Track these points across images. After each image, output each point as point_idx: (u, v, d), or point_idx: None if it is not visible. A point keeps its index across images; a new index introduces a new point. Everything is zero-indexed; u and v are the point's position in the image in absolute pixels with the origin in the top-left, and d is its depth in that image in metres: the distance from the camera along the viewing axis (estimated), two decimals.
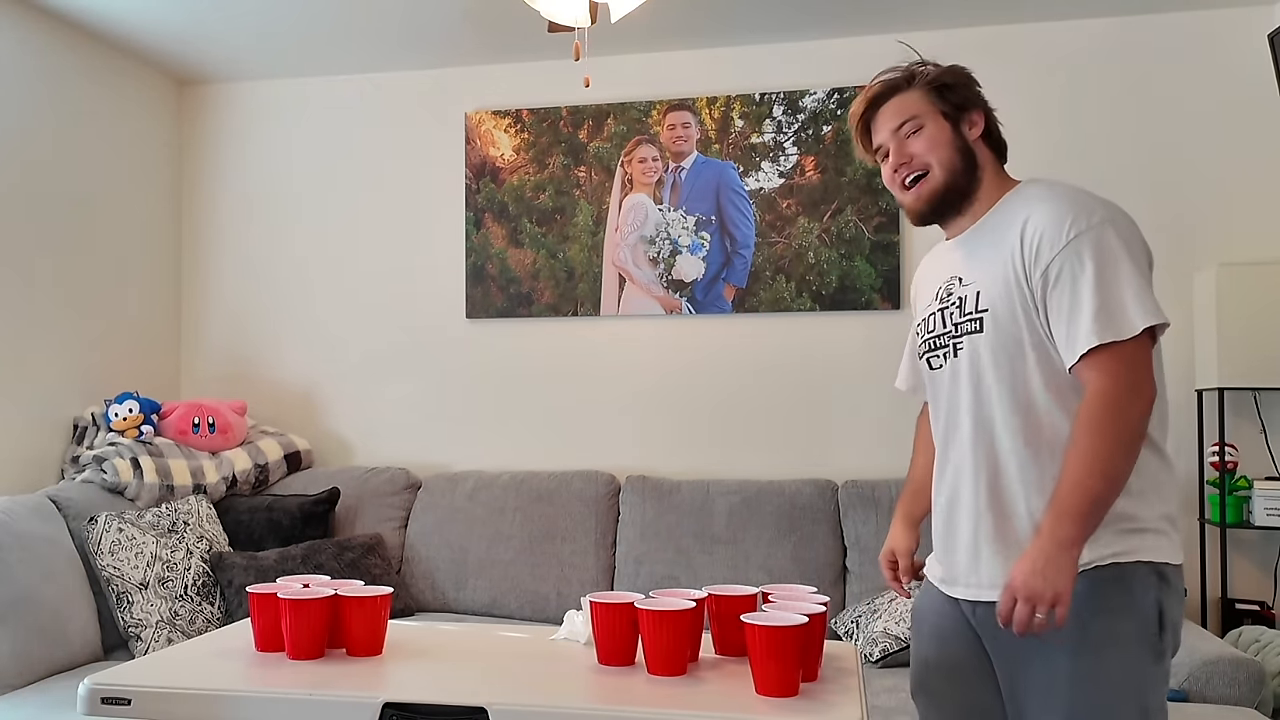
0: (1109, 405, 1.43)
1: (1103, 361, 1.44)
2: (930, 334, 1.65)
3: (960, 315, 1.57)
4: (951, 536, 1.62)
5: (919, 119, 1.60)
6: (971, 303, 1.56)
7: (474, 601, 3.30)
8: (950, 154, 1.59)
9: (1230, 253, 3.22)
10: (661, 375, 3.59)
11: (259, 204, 3.93)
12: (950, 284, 1.62)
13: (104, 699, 1.42)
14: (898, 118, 1.61)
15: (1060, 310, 1.47)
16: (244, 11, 3.29)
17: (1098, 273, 1.45)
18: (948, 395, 1.62)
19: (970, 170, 1.60)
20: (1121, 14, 3.31)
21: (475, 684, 1.47)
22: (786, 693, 1.38)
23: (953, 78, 1.62)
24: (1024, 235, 1.51)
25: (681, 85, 3.60)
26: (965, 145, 1.60)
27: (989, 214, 1.60)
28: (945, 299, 1.62)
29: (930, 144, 1.59)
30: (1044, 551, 1.42)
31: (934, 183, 1.60)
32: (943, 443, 1.65)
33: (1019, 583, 1.42)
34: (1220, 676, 2.45)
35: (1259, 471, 3.15)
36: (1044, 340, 1.50)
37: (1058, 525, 1.42)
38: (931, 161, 1.59)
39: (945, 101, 1.60)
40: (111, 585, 2.82)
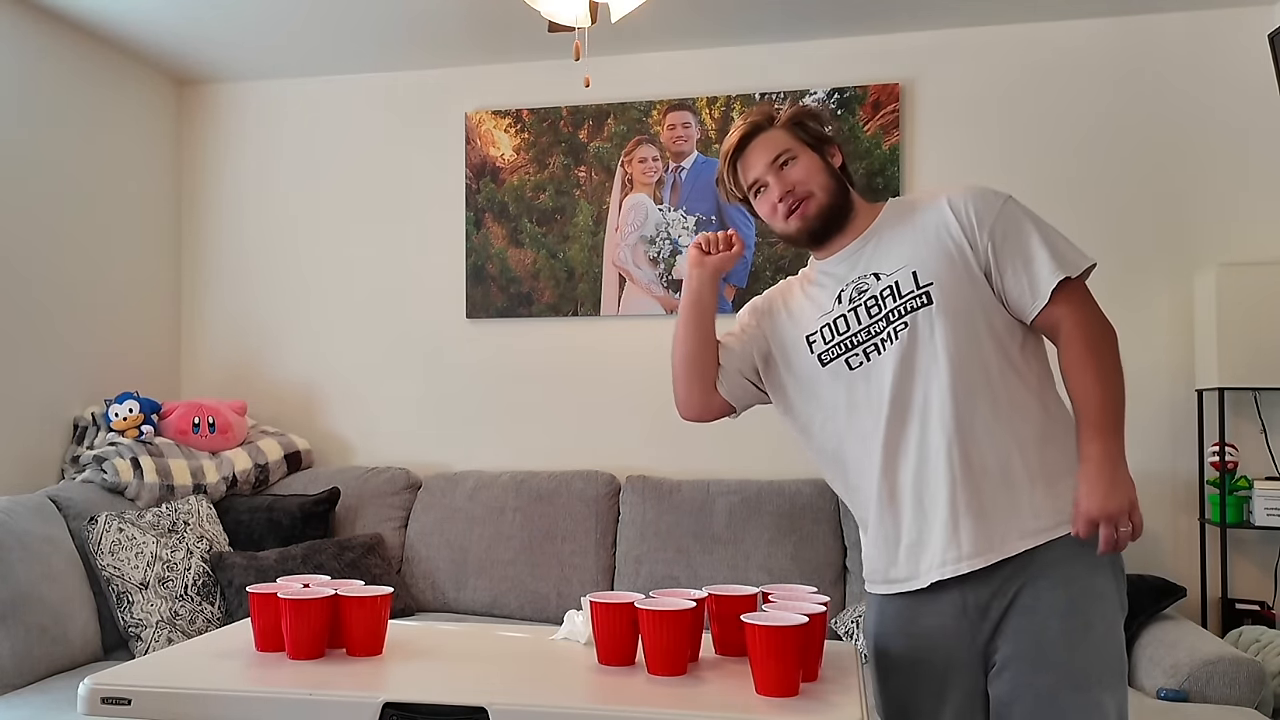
0: (1096, 330, 1.57)
1: (1070, 295, 1.57)
2: (842, 335, 1.66)
3: (896, 300, 1.62)
4: (925, 523, 1.59)
5: (791, 151, 1.70)
6: (909, 283, 1.61)
7: (474, 601, 3.30)
8: (826, 178, 1.70)
9: (1230, 253, 3.22)
10: (662, 375, 3.58)
11: (259, 204, 3.93)
12: (860, 283, 1.67)
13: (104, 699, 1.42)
14: (771, 152, 1.70)
15: (1015, 263, 1.59)
16: (244, 11, 3.29)
17: (1037, 228, 1.60)
18: (891, 382, 1.60)
19: (844, 192, 1.72)
20: (1121, 14, 3.31)
21: (475, 684, 1.47)
22: (786, 693, 1.38)
23: (808, 116, 1.74)
24: (953, 210, 1.63)
25: (681, 85, 3.60)
26: (834, 171, 1.73)
27: (876, 223, 1.71)
28: (856, 298, 1.66)
29: (807, 171, 1.69)
30: (1103, 471, 1.50)
31: (819, 202, 1.69)
32: (886, 437, 1.61)
33: (1097, 508, 1.49)
34: (1220, 676, 2.45)
35: (1259, 471, 3.15)
36: (990, 302, 1.60)
37: (1107, 443, 1.52)
38: (813, 187, 1.69)
39: (808, 134, 1.72)
40: (111, 585, 2.82)
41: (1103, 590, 1.56)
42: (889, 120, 3.41)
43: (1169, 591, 2.80)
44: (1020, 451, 1.57)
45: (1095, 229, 3.30)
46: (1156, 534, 3.23)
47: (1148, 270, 3.29)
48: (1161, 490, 3.23)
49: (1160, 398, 3.24)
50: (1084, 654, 1.53)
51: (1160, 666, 2.55)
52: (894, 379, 1.61)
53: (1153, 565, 3.13)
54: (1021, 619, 1.55)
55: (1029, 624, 1.55)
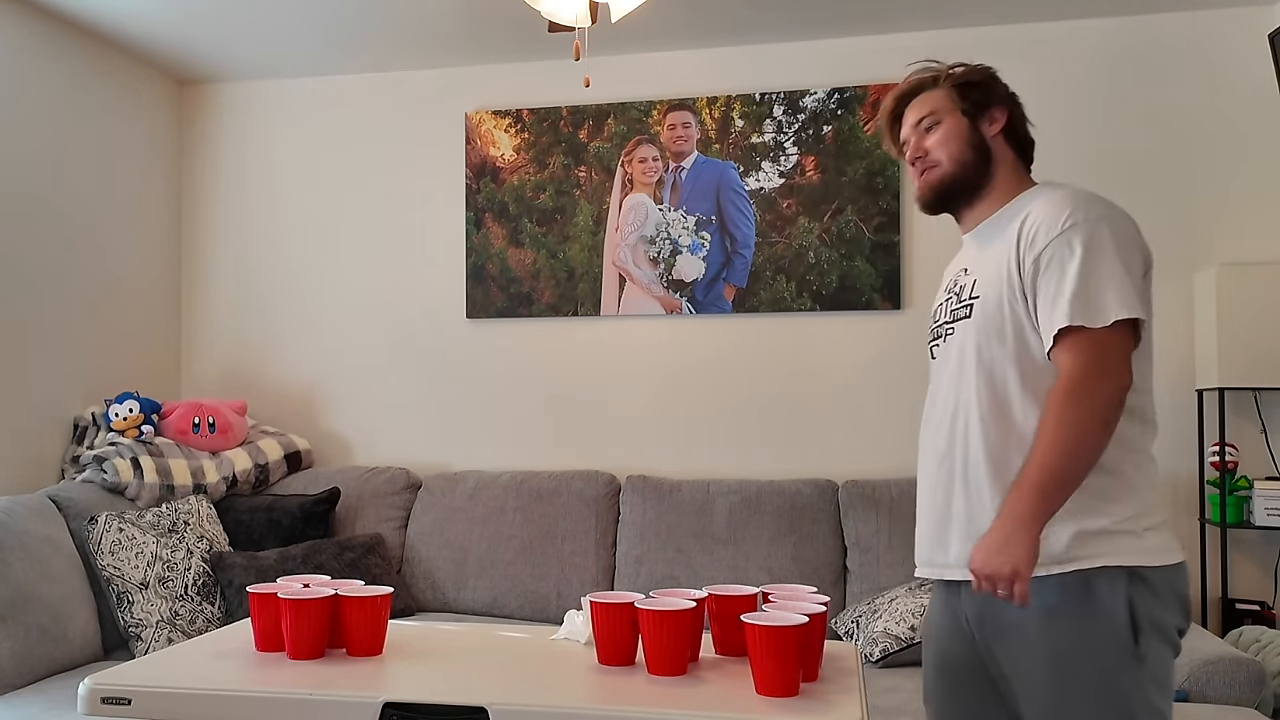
0: (1074, 385, 1.46)
1: (1074, 343, 1.48)
2: (935, 324, 1.73)
3: (957, 303, 1.65)
4: (930, 518, 1.65)
5: (937, 114, 1.67)
6: (968, 291, 1.63)
7: (474, 601, 3.30)
8: (962, 149, 1.65)
9: (1230, 253, 3.22)
10: (661, 375, 3.59)
11: (259, 204, 3.93)
12: (959, 275, 1.69)
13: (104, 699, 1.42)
14: (919, 113, 1.69)
15: (1045, 294, 1.52)
16: (244, 11, 3.29)
17: (1084, 261, 1.49)
18: (935, 379, 1.69)
19: (983, 165, 1.66)
20: (1121, 14, 3.31)
21: (475, 684, 1.47)
22: (787, 693, 1.38)
23: (977, 77, 1.69)
24: (1022, 226, 1.57)
25: (681, 85, 3.60)
26: (981, 141, 1.66)
27: (1001, 210, 1.66)
28: (953, 288, 1.70)
29: (944, 139, 1.66)
30: (1002, 529, 1.45)
31: (940, 173, 1.67)
32: (923, 428, 1.71)
33: (978, 562, 1.47)
34: (1220, 676, 2.45)
35: (1259, 471, 3.15)
36: (1024, 330, 1.54)
37: (1018, 502, 1.45)
38: (942, 156, 1.66)
39: (966, 100, 1.67)
40: (112, 585, 2.82)
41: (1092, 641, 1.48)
42: None
43: None
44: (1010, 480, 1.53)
45: None
46: None
47: None
48: (1162, 490, 3.23)
49: (1160, 398, 3.24)
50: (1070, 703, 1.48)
51: None
52: (935, 379, 1.69)
53: None
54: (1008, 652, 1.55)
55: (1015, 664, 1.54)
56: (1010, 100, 1.70)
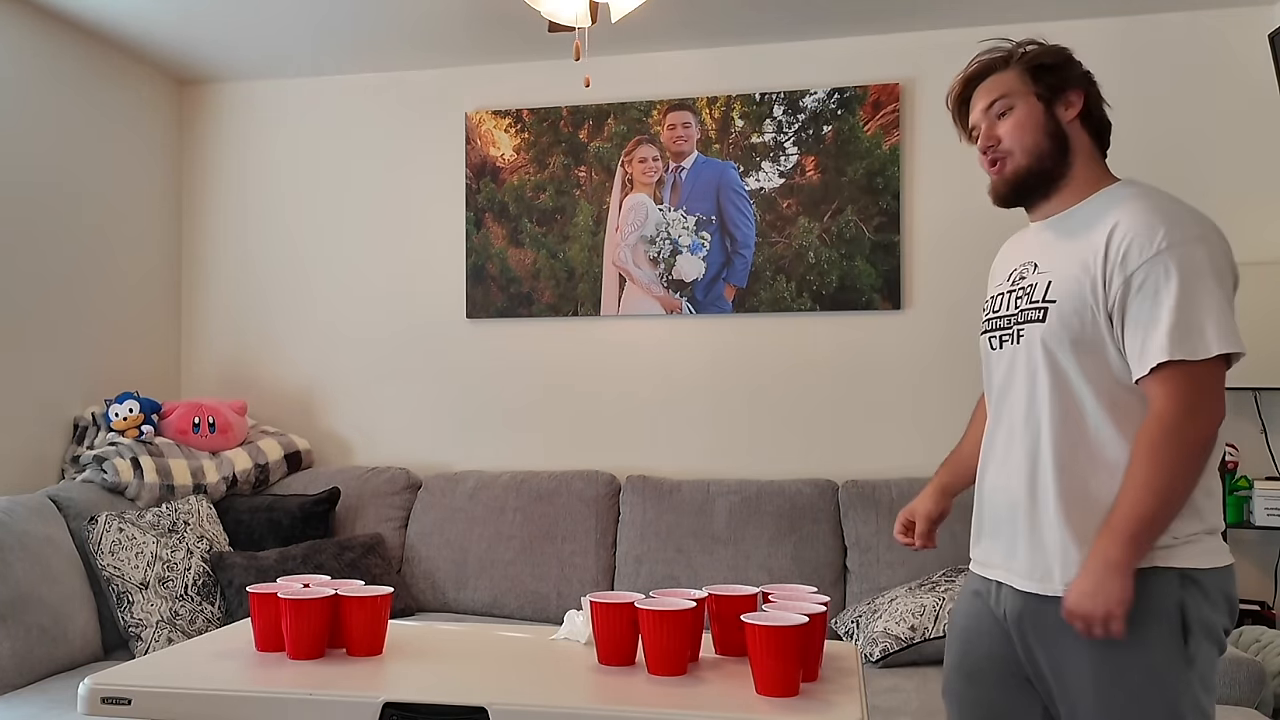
0: (1169, 427, 1.43)
1: (1170, 379, 1.43)
2: (996, 314, 1.65)
3: (1028, 301, 1.56)
4: (990, 519, 1.63)
5: (1009, 99, 1.58)
6: (1041, 290, 1.55)
7: (474, 601, 3.30)
8: (1037, 138, 1.57)
9: None
10: (661, 375, 3.59)
11: (259, 203, 3.93)
12: (1025, 268, 1.61)
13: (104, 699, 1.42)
14: (989, 96, 1.60)
15: (1138, 320, 1.45)
16: (244, 11, 3.29)
17: (1182, 288, 1.43)
18: (1003, 378, 1.62)
19: (1060, 154, 1.58)
20: (1121, 14, 3.31)
21: (475, 684, 1.47)
22: (787, 693, 1.38)
23: (1051, 58, 1.59)
24: (1111, 237, 1.49)
25: (681, 85, 3.60)
26: (1057, 128, 1.58)
27: (1079, 205, 1.58)
28: (1017, 282, 1.61)
29: (1018, 127, 1.57)
30: (1094, 573, 1.44)
31: (1014, 165, 1.58)
32: (993, 423, 1.65)
33: (1072, 604, 1.45)
34: (1220, 676, 2.45)
35: (1259, 471, 3.15)
36: (1103, 345, 1.49)
37: (1109, 546, 1.44)
38: (1015, 146, 1.58)
39: (1040, 83, 1.58)
40: (112, 585, 2.82)
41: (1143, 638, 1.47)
42: (889, 120, 3.41)
43: None
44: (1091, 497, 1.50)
45: None
46: None
47: None
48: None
49: None
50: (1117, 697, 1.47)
51: None
52: (1003, 377, 1.62)
53: None
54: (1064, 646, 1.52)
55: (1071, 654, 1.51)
56: (1087, 81, 1.61)
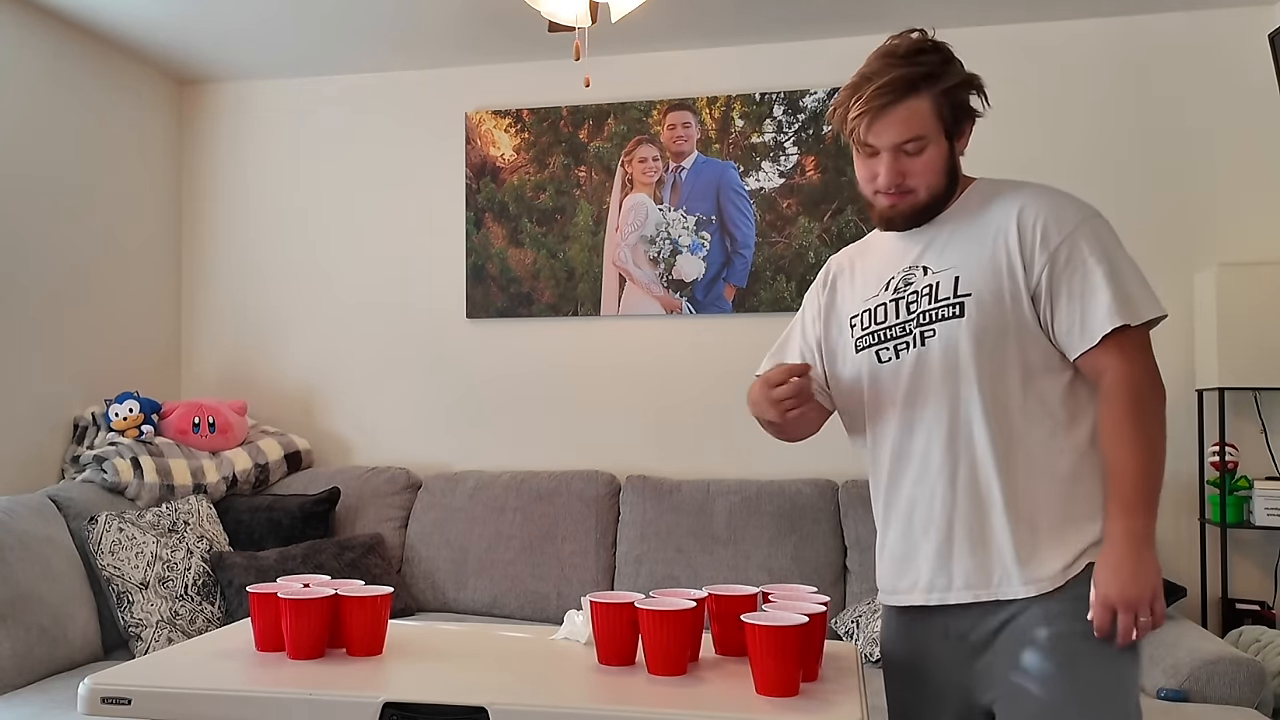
0: (1139, 389, 1.43)
1: (1121, 344, 1.44)
2: (879, 325, 1.58)
3: (931, 302, 1.51)
4: (913, 540, 1.55)
5: (925, 139, 1.50)
6: (948, 288, 1.50)
7: (474, 601, 3.30)
8: (939, 179, 1.54)
9: (1230, 253, 3.22)
10: (661, 375, 3.59)
11: (259, 204, 3.93)
12: (909, 274, 1.56)
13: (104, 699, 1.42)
14: (905, 133, 1.49)
15: (1072, 294, 1.46)
16: (244, 11, 3.29)
17: (1109, 260, 1.46)
18: (909, 386, 1.54)
19: (951, 188, 1.56)
20: (1121, 14, 3.31)
21: (475, 684, 1.47)
22: (787, 693, 1.38)
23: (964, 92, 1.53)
24: (1022, 219, 1.49)
25: (681, 85, 3.60)
26: (954, 164, 1.56)
27: (952, 209, 1.57)
28: (902, 289, 1.56)
29: (928, 168, 1.52)
30: (1127, 554, 1.41)
31: (914, 202, 1.54)
32: (901, 435, 1.56)
33: (1116, 594, 1.40)
34: (1220, 676, 2.45)
35: (1259, 471, 3.15)
36: (1028, 329, 1.48)
37: (1133, 521, 1.42)
38: (920, 185, 1.53)
39: (952, 115, 1.52)
40: (112, 585, 2.82)
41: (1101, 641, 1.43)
42: None
43: (1169, 591, 2.80)
44: (1032, 491, 1.47)
45: None
46: (1157, 534, 3.22)
47: (1148, 270, 3.26)
48: (1162, 490, 3.22)
49: None
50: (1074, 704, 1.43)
51: (1160, 666, 2.55)
52: (908, 385, 1.54)
53: None
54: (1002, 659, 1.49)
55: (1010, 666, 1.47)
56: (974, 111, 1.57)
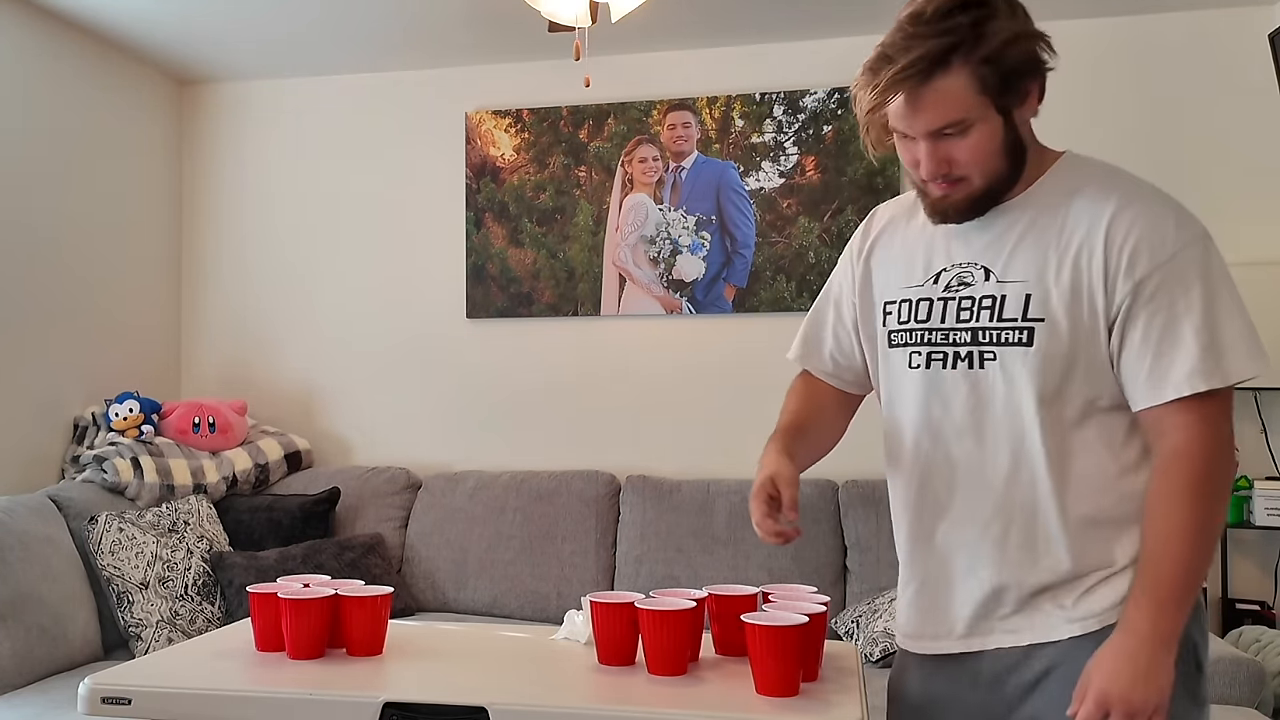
0: (1203, 469, 1.20)
1: (1196, 410, 1.21)
2: (920, 324, 1.34)
3: (994, 319, 1.28)
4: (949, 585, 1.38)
5: (965, 121, 1.24)
6: (1016, 307, 1.27)
7: (474, 601, 3.30)
8: (996, 161, 1.28)
9: (1230, 253, 3.20)
10: (661, 375, 3.59)
11: (259, 203, 3.93)
12: (966, 272, 1.32)
13: (104, 699, 1.42)
14: (940, 119, 1.24)
15: (1149, 339, 1.22)
16: (243, 11, 3.29)
17: (1205, 301, 1.23)
18: (958, 415, 1.32)
19: (1017, 167, 1.31)
20: (1122, 14, 3.31)
21: (475, 684, 1.47)
22: (787, 693, 1.38)
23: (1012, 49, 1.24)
24: (1109, 236, 1.25)
25: (681, 85, 3.60)
26: (1016, 138, 1.29)
27: (1031, 192, 1.32)
28: (955, 288, 1.32)
29: (977, 150, 1.26)
30: (1145, 653, 1.18)
31: (970, 190, 1.29)
32: (934, 469, 1.38)
33: (1117, 692, 1.17)
34: (1220, 676, 2.44)
35: (1259, 471, 3.14)
36: (1097, 363, 1.25)
37: (1160, 617, 1.19)
38: (972, 171, 1.28)
39: (999, 87, 1.24)
40: (112, 585, 2.82)
41: None
42: None
43: None
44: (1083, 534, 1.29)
45: None
46: None
47: None
48: None
49: None
50: None
51: None
52: (959, 407, 1.32)
53: None
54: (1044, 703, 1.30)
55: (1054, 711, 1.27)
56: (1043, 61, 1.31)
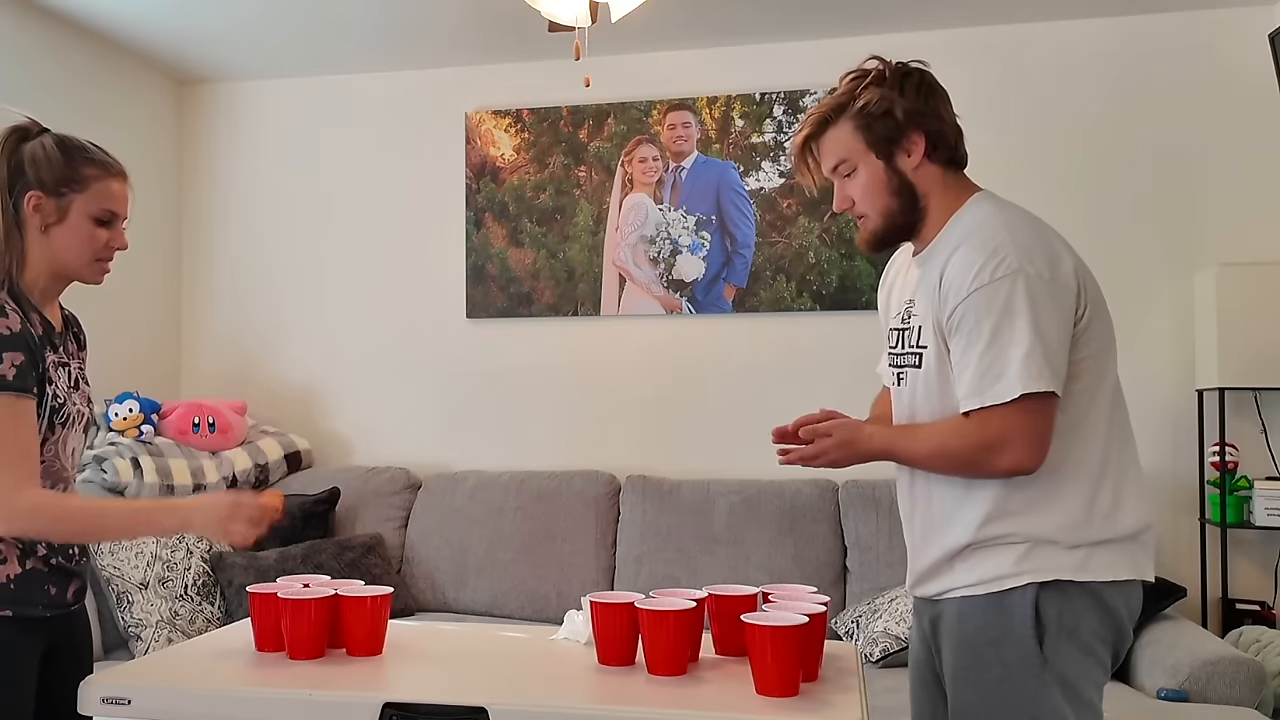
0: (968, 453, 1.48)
1: (980, 417, 1.47)
2: (892, 350, 1.66)
3: (907, 345, 1.59)
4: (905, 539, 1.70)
5: (850, 161, 1.55)
6: (914, 336, 1.57)
7: (474, 601, 3.30)
8: (884, 199, 1.55)
9: (1230, 253, 3.22)
10: (661, 375, 3.59)
11: (259, 204, 3.93)
12: (909, 308, 1.60)
13: (104, 699, 1.42)
14: (832, 158, 1.57)
15: (956, 361, 1.49)
16: (243, 11, 3.29)
17: (992, 331, 1.43)
18: (900, 412, 1.66)
19: (910, 207, 1.55)
20: (1121, 14, 3.31)
21: (475, 684, 1.47)
22: (786, 693, 1.38)
23: (879, 105, 1.52)
24: (943, 275, 1.50)
25: (681, 85, 3.60)
26: (902, 181, 1.54)
27: (944, 231, 1.56)
28: (906, 320, 1.61)
29: (863, 190, 1.55)
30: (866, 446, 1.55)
31: (871, 226, 1.58)
32: None
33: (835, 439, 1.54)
34: (1220, 676, 2.45)
35: (1259, 471, 3.14)
36: None
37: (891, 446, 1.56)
38: (866, 209, 1.56)
39: (874, 135, 1.53)
40: (111, 585, 2.82)
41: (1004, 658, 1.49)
42: None
43: (1169, 591, 2.80)
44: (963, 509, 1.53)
45: (1096, 229, 3.30)
46: (1157, 534, 3.21)
47: (1148, 270, 3.29)
48: (1161, 490, 3.23)
49: (1160, 398, 3.24)
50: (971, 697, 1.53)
51: (1160, 666, 2.55)
52: (899, 410, 1.65)
53: None
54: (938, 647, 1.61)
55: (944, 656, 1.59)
56: (923, 119, 1.53)
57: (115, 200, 1.67)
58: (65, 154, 1.63)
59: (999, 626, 1.50)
